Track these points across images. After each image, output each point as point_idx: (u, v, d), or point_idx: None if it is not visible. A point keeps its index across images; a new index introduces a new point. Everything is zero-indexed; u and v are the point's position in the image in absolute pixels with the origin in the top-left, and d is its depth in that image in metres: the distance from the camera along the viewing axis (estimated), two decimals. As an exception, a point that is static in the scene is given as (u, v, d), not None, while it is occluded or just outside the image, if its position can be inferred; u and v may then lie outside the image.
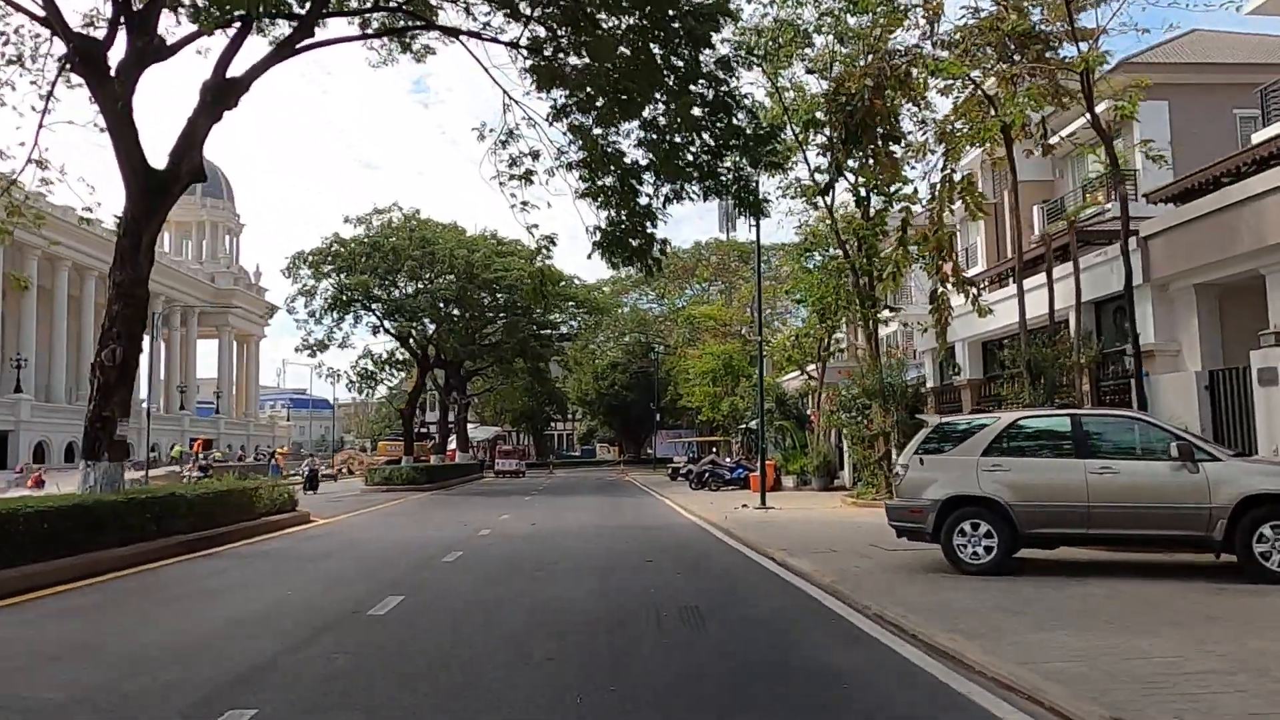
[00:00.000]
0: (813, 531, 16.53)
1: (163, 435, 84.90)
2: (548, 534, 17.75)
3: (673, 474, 46.15)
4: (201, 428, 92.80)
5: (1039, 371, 15.02)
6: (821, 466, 30.74)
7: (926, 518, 10.76)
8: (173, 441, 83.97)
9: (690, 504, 25.65)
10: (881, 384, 21.73)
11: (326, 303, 37.45)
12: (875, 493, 22.92)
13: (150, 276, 15.50)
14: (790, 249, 23.34)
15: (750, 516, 20.58)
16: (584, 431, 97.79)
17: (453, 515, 23.37)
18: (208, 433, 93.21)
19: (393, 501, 30.09)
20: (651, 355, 68.52)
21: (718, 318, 44.38)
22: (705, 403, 44.04)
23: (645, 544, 15.46)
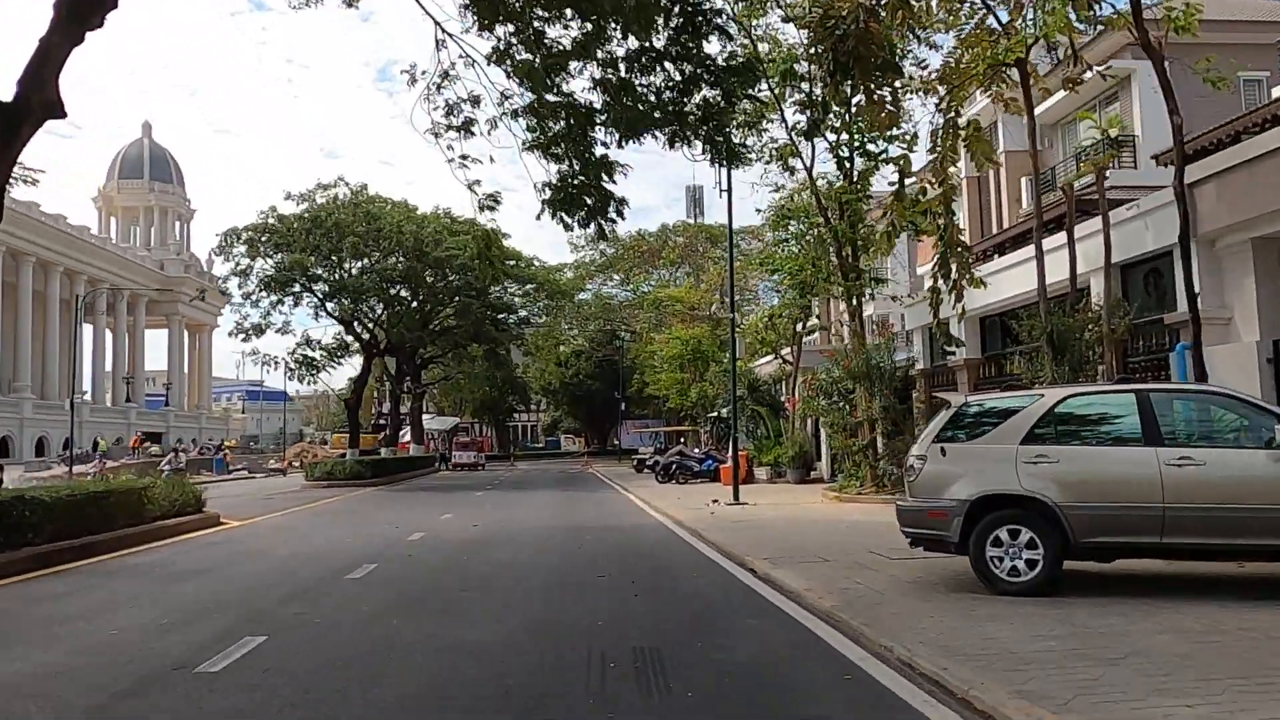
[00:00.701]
0: (796, 533, 14.22)
1: (107, 429, 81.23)
2: (489, 538, 15.27)
3: (638, 466, 43.78)
4: (149, 421, 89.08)
5: (1062, 345, 12.79)
6: (797, 457, 28.52)
7: (950, 523, 8.45)
8: (117, 436, 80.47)
9: (656, 499, 23.30)
10: (868, 365, 19.48)
11: (262, 283, 34.52)
12: (859, 486, 20.71)
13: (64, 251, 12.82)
14: (766, 214, 21.03)
15: (723, 514, 18.26)
16: (548, 422, 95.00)
17: (388, 515, 20.81)
18: (156, 426, 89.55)
19: (329, 499, 27.42)
20: (617, 343, 66.04)
21: (685, 300, 41.94)
22: (672, 390, 41.68)
23: (601, 551, 13.04)
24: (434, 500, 26.37)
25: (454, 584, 10.17)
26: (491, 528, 17.19)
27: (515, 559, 12.38)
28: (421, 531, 16.34)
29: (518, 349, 60.43)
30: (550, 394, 78.43)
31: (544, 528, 17.01)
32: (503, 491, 30.73)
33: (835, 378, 21.02)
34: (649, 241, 55.87)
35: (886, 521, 15.96)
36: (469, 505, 23.97)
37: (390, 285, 37.03)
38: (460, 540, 15.02)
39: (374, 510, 22.64)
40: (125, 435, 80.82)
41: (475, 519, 19.15)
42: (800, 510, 18.88)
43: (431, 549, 13.76)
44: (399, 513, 21.53)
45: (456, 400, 72.15)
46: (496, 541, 14.73)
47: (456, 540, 15.02)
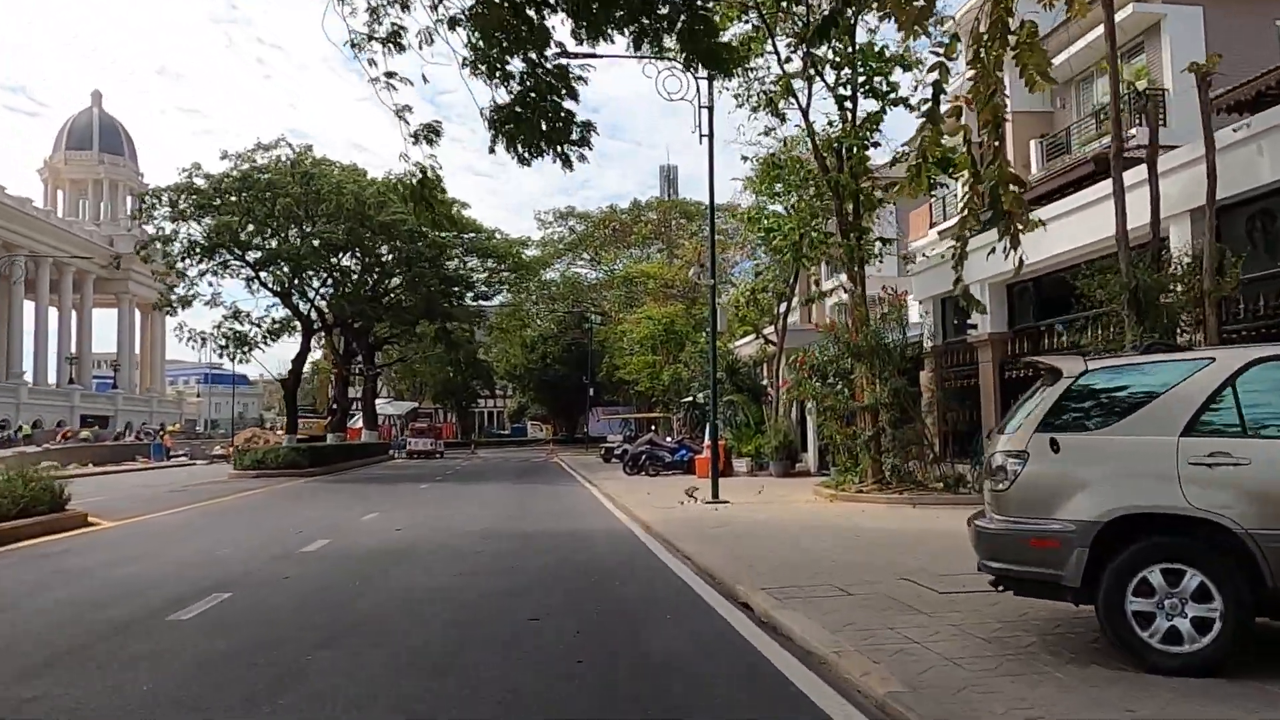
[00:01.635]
0: (795, 544, 11.17)
1: (49, 411, 76.97)
2: (408, 549, 12.08)
3: (606, 455, 40.66)
4: (95, 403, 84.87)
5: (1147, 305, 9.80)
6: (781, 447, 25.51)
7: (1068, 557, 5.41)
8: (59, 419, 76.31)
9: (622, 495, 20.20)
10: (876, 341, 16.46)
11: (184, 249, 30.81)
12: (858, 481, 17.72)
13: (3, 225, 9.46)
14: (752, 163, 17.88)
15: (700, 516, 15.18)
16: (514, 409, 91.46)
17: (303, 514, 17.54)
18: (102, 409, 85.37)
19: (249, 492, 24.03)
20: (586, 325, 62.78)
21: (658, 277, 38.69)
22: (644, 374, 38.57)
23: (544, 574, 9.89)
24: (369, 494, 23.07)
25: (314, 634, 6.97)
26: (419, 532, 13.98)
27: (426, 585, 9.19)
28: (327, 538, 13.10)
29: (480, 329, 57.04)
30: (516, 379, 75.00)
31: (482, 533, 13.82)
32: (452, 483, 27.47)
33: (833, 355, 17.98)
34: (620, 218, 52.63)
35: (902, 530, 13.06)
36: (406, 500, 20.74)
37: (332, 253, 33.42)
38: (370, 551, 11.81)
39: (290, 507, 19.33)
40: (69, 418, 76.69)
41: (404, 519, 15.94)
42: (791, 510, 15.85)
43: (323, 567, 10.53)
44: (318, 510, 18.28)
45: (416, 384, 68.52)
46: (415, 554, 11.54)
47: (365, 552, 11.81)
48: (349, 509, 18.27)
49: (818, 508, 16.36)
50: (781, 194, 18.07)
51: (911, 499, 16.32)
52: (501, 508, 18.73)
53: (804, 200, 18.53)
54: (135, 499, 21.46)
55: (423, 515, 16.85)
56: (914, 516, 14.30)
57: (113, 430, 75.65)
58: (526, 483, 27.66)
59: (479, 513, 17.37)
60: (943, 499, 16.21)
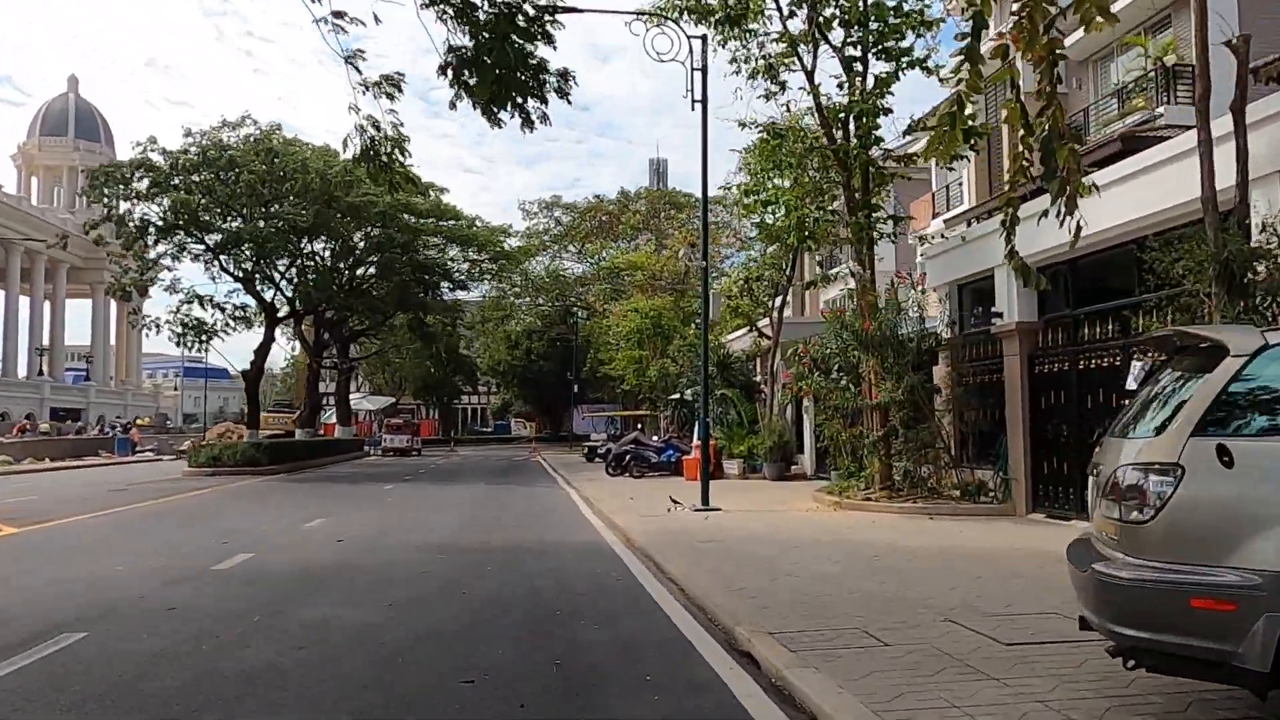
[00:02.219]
0: (802, 567, 9.30)
1: (17, 404, 74.52)
2: (341, 568, 10.16)
3: (589, 454, 38.76)
4: (66, 396, 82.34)
5: (1239, 277, 7.98)
6: (776, 448, 23.67)
7: (1247, 626, 3.56)
8: (28, 411, 73.94)
9: (603, 499, 18.33)
10: (890, 331, 14.61)
11: (135, 230, 28.61)
12: (864, 488, 15.88)
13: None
14: (753, 129, 15.93)
15: (689, 526, 13.32)
16: (498, 406, 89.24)
17: (237, 520, 15.56)
18: (75, 402, 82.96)
19: (194, 493, 21.99)
20: (571, 320, 60.77)
21: (646, 267, 36.72)
22: (629, 370, 36.66)
23: (495, 607, 7.99)
24: (325, 496, 21.09)
25: (154, 709, 5.05)
26: (363, 544, 12.06)
27: (344, 622, 7.27)
28: (251, 551, 11.16)
29: (461, 323, 55.00)
30: (499, 375, 72.84)
31: (437, 546, 11.90)
32: (421, 484, 25.51)
33: (838, 347, 16.10)
34: (607, 207, 50.66)
35: (924, 547, 11.04)
36: (364, 504, 18.78)
37: (298, 237, 31.26)
38: (295, 571, 9.88)
39: (228, 511, 17.32)
40: (39, 411, 74.26)
41: (353, 527, 14.01)
42: (792, 520, 13.99)
43: (226, 592, 8.59)
44: (259, 516, 16.31)
45: (395, 379, 66.36)
46: (347, 575, 9.62)
47: (288, 571, 9.87)
48: (294, 514, 16.30)
49: (821, 517, 14.51)
50: (783, 165, 16.18)
51: (926, 508, 14.51)
52: (468, 512, 16.81)
53: (807, 175, 16.65)
54: (67, 499, 19.46)
55: (376, 522, 14.92)
56: (934, 530, 12.48)
57: (86, 423, 73.34)
58: (502, 483, 25.73)
59: (440, 519, 15.44)
60: (961, 509, 14.40)
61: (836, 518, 14.36)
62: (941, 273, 16.03)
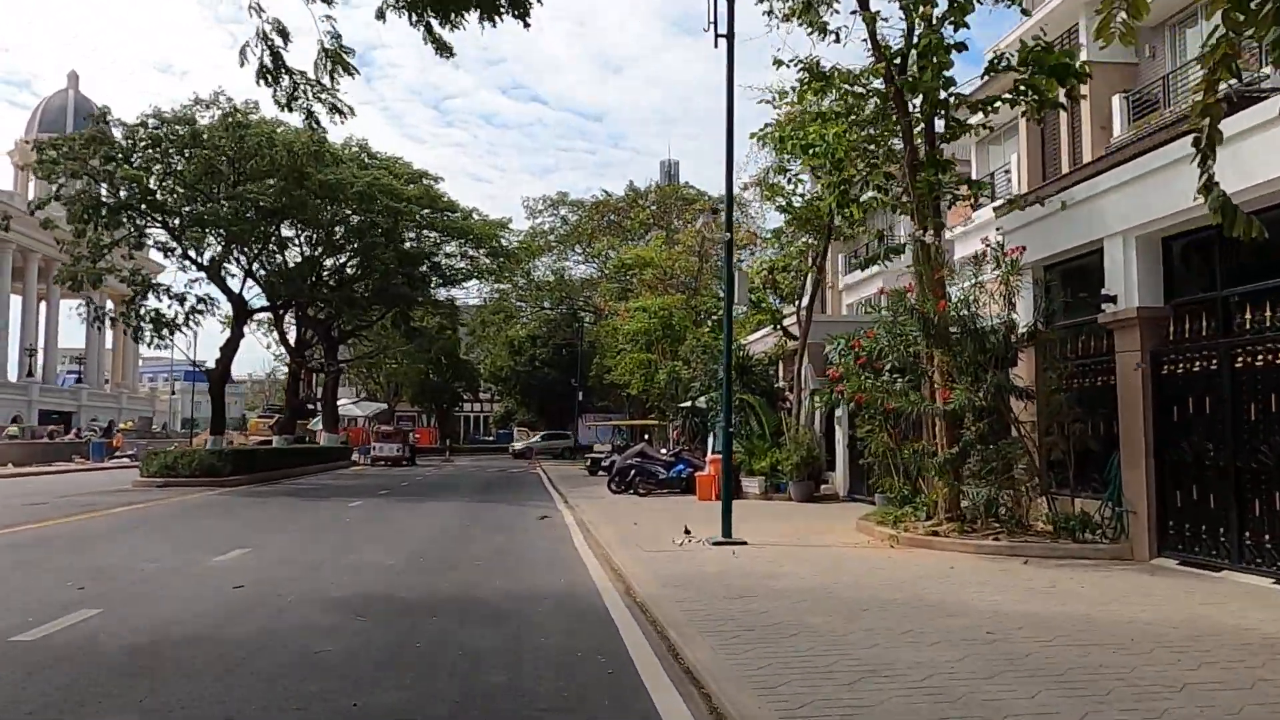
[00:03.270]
0: (904, 658, 6.01)
1: (2, 406, 71.87)
2: (188, 647, 6.92)
3: (591, 466, 35.42)
4: (56, 398, 79.57)
5: None
6: (804, 465, 20.42)
7: None
8: (14, 414, 71.29)
9: (601, 524, 15.10)
10: (970, 318, 11.37)
11: (82, 209, 25.37)
12: (928, 518, 12.60)
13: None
14: (793, 66, 12.60)
15: (709, 570, 10.06)
16: (500, 414, 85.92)
17: (131, 551, 12.28)
18: (66, 405, 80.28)
19: (127, 507, 18.77)
20: (575, 325, 57.54)
21: (655, 262, 33.39)
22: (636, 375, 33.37)
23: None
24: (273, 515, 17.87)
25: None
26: (259, 596, 8.81)
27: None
28: (98, 608, 7.94)
29: (462, 326, 51.95)
30: (501, 381, 69.63)
31: (361, 601, 8.64)
32: (397, 500, 22.26)
33: (894, 339, 12.82)
34: (615, 204, 47.45)
35: (1059, 616, 7.36)
36: (311, 527, 15.54)
37: (266, 221, 27.99)
38: (128, 645, 6.66)
39: (133, 537, 14.02)
40: (26, 414, 71.55)
41: (268, 566, 10.76)
42: (844, 563, 10.72)
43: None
44: (168, 544, 13.07)
45: (391, 384, 63.17)
46: (197, 660, 6.37)
47: (121, 645, 6.65)
48: (215, 542, 13.07)
49: (877, 558, 11.21)
50: (826, 117, 12.94)
51: (1013, 548, 11.22)
52: (431, 542, 13.55)
53: (854, 131, 13.39)
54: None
55: (305, 556, 11.68)
56: (1043, 584, 9.19)
57: (78, 427, 70.56)
58: (487, 501, 22.46)
59: (391, 552, 12.18)
60: (1058, 549, 11.08)
61: (898, 559, 11.06)
62: (1026, 250, 12.73)
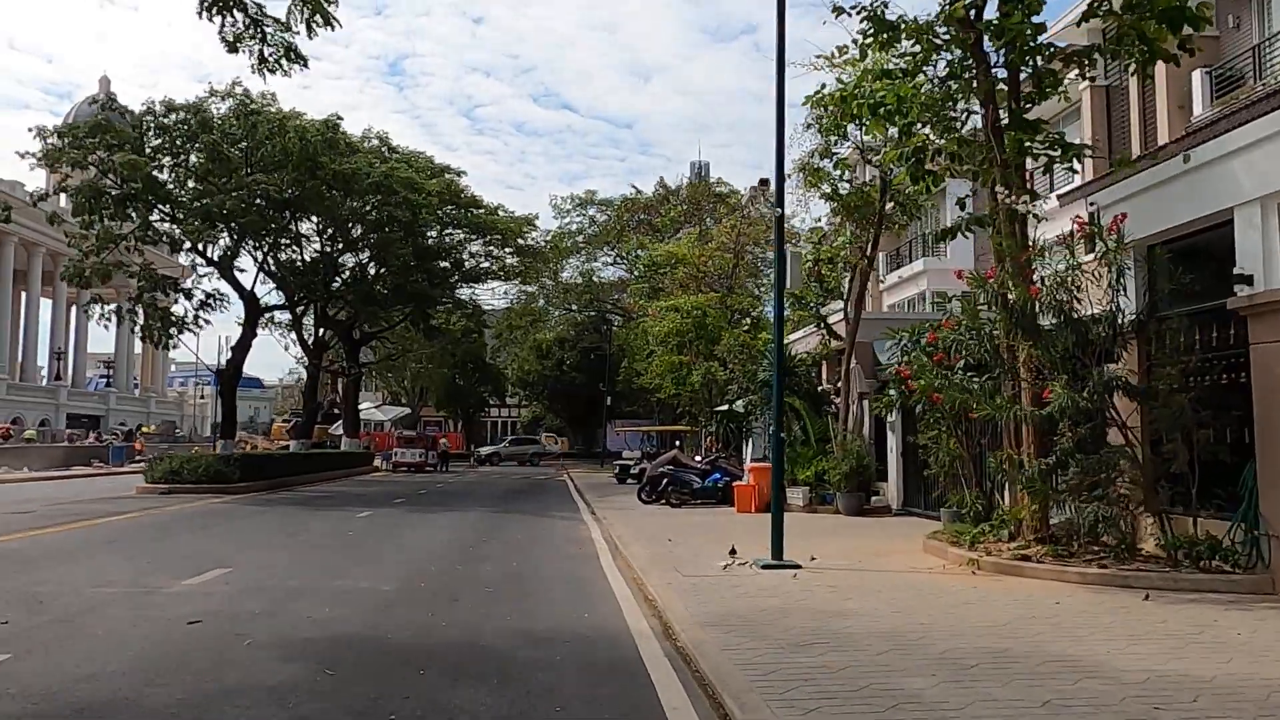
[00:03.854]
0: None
1: (30, 410, 71.57)
2: (91, 716, 5.29)
3: (620, 475, 33.77)
4: (85, 402, 79.43)
5: None
6: (853, 474, 18.61)
7: None
8: (42, 417, 71.06)
9: (632, 541, 13.40)
10: (1068, 309, 9.57)
11: (86, 199, 24.00)
12: (1012, 540, 10.77)
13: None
14: (860, 15, 10.79)
15: (762, 602, 8.32)
16: (528, 419, 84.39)
17: (98, 568, 10.72)
18: (94, 408, 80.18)
19: (119, 516, 17.33)
20: (604, 328, 55.80)
21: (688, 260, 31.61)
22: (666, 378, 31.62)
23: None
24: (277, 525, 16.34)
25: None
26: (214, 635, 7.18)
27: None
28: (8, 653, 6.36)
29: (485, 327, 50.46)
30: (528, 386, 68.06)
31: (328, 646, 6.97)
32: (409, 510, 20.68)
33: (968, 333, 11.01)
34: (645, 201, 45.70)
35: (1244, 679, 5.74)
36: (307, 542, 13.95)
37: (278, 212, 26.51)
38: (14, 711, 5.06)
39: (108, 552, 12.45)
40: (54, 418, 71.29)
41: (239, 596, 9.15)
42: (921, 593, 8.93)
43: None
44: (142, 560, 11.52)
45: (416, 388, 61.79)
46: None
47: (5, 709, 5.05)
48: (194, 559, 11.50)
49: (958, 586, 9.40)
50: (893, 75, 11.14)
51: (1125, 577, 9.37)
52: (437, 561, 11.90)
53: (923, 92, 11.57)
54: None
55: (290, 579, 10.06)
56: (1186, 628, 7.35)
57: (103, 431, 70.15)
58: (508, 511, 20.82)
59: (388, 574, 10.54)
60: (1183, 580, 9.19)
61: (987, 590, 9.23)
62: (1134, 222, 10.85)
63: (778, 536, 11.02)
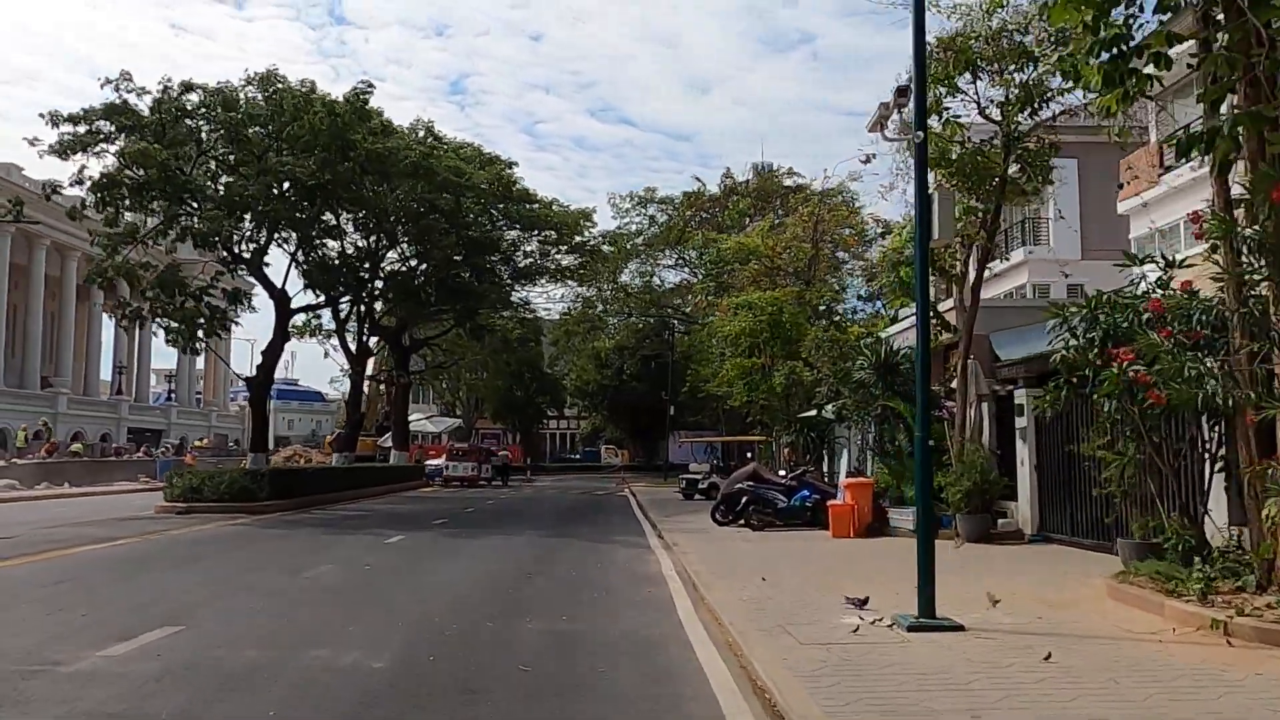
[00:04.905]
0: None
1: (91, 424, 71.33)
2: None
3: (687, 490, 30.69)
4: (147, 416, 79.21)
5: None
6: (975, 492, 15.32)
7: None
8: (104, 431, 70.78)
9: (715, 579, 10.37)
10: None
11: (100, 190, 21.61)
12: (1262, 588, 7.50)
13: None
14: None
15: (943, 705, 5.22)
16: (587, 430, 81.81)
17: (14, 627, 8.08)
18: (156, 422, 79.96)
19: (116, 543, 14.83)
20: (666, 334, 52.85)
21: (760, 251, 28.29)
22: (737, 383, 28.43)
23: None
24: (283, 555, 13.68)
25: None
26: None
27: None
28: None
29: (542, 335, 47.92)
30: (587, 396, 65.49)
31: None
32: (449, 534, 17.90)
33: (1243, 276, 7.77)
34: (709, 196, 42.62)
35: None
36: (314, 581, 11.18)
37: (306, 199, 23.88)
38: None
39: (48, 597, 9.74)
40: (115, 432, 70.93)
41: (188, 666, 6.38)
42: (1179, 686, 5.76)
43: None
44: (88, 606, 8.85)
45: (471, 399, 59.52)
46: None
47: None
48: (146, 610, 8.79)
49: (1221, 665, 6.20)
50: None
51: None
52: (460, 616, 8.99)
53: None
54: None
55: (250, 647, 7.25)
56: None
57: (167, 446, 69.50)
58: (562, 535, 17.89)
59: (387, 639, 7.66)
60: None
61: (1274, 675, 6.02)
62: None
63: (927, 583, 7.89)
